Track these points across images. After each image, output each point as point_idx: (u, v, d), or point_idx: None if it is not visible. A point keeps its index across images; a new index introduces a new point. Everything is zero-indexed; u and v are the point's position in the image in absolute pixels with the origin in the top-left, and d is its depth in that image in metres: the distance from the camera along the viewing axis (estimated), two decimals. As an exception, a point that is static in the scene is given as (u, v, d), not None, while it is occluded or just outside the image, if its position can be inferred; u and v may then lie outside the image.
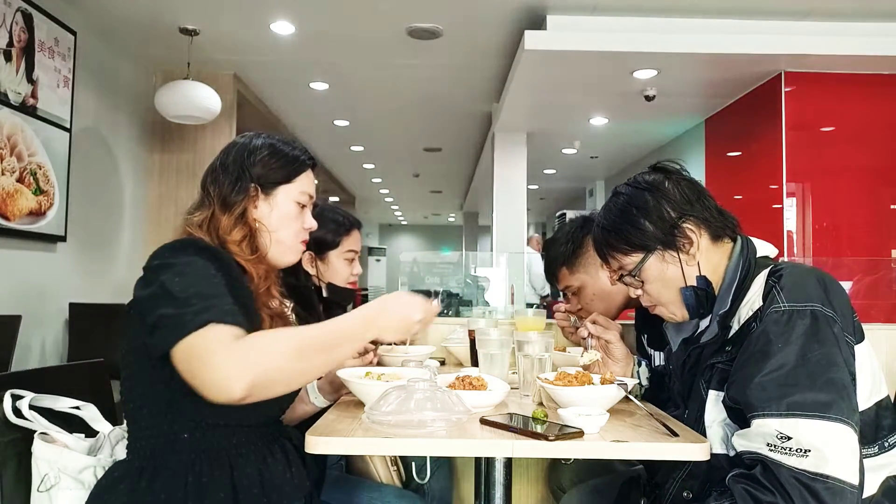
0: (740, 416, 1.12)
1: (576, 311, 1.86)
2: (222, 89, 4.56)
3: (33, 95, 3.48)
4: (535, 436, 1.04)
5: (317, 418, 1.16)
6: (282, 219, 1.28)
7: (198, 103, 4.19)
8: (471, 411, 1.13)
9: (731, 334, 1.21)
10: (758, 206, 4.63)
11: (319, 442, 1.02)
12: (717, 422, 1.20)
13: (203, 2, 3.86)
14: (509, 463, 1.17)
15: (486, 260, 7.53)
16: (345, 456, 1.73)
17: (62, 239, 3.78)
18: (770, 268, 1.21)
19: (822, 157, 4.36)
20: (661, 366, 1.62)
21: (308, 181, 1.33)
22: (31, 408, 1.16)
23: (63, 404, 1.22)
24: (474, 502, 1.51)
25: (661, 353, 1.76)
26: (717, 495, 1.12)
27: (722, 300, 1.23)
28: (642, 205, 1.28)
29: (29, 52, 3.45)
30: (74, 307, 3.78)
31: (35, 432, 1.14)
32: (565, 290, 1.89)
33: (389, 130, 7.00)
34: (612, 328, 1.53)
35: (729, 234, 1.29)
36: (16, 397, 1.16)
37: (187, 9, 3.96)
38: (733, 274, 1.24)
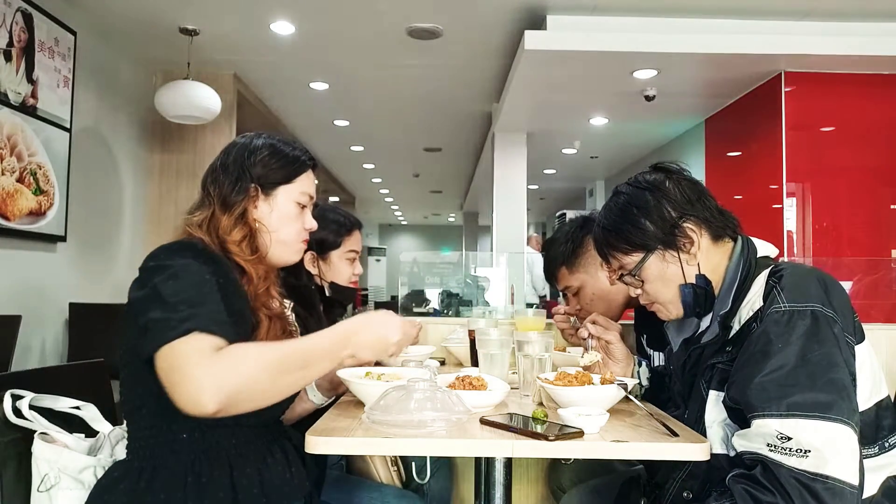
0: (741, 417, 1.12)
1: (575, 311, 1.85)
2: (222, 89, 4.56)
3: (33, 95, 3.48)
4: (535, 436, 1.04)
5: (317, 418, 1.16)
6: (282, 219, 1.28)
7: (198, 103, 4.19)
8: (471, 411, 1.13)
9: (732, 334, 1.21)
10: (758, 206, 4.62)
11: (319, 442, 1.02)
12: (717, 422, 1.20)
13: (203, 2, 3.86)
14: (509, 463, 1.17)
15: (486, 260, 7.53)
16: (345, 456, 1.73)
17: (62, 239, 3.78)
18: (771, 268, 1.21)
19: (822, 157, 4.36)
20: (662, 366, 1.61)
21: (308, 182, 1.33)
22: (31, 408, 1.16)
23: (63, 404, 1.22)
24: (474, 502, 1.50)
25: (660, 353, 1.76)
26: (717, 495, 1.12)
27: (723, 300, 1.23)
28: (643, 204, 1.28)
29: (29, 52, 3.45)
30: (74, 307, 3.77)
31: (35, 432, 1.14)
32: (565, 290, 1.88)
33: (389, 130, 7.00)
34: (613, 328, 1.53)
35: (729, 234, 1.29)
36: (16, 397, 1.16)
37: (187, 9, 3.96)
38: (734, 274, 1.24)
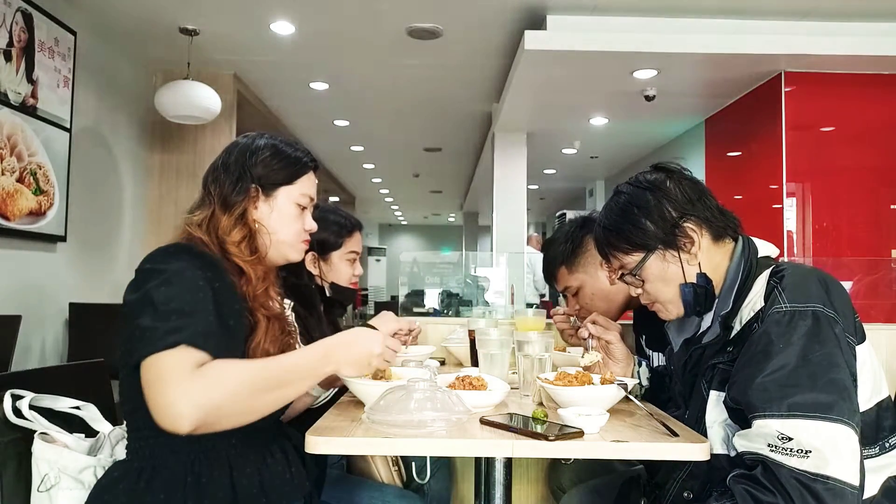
0: (741, 417, 1.12)
1: (575, 312, 1.85)
2: (222, 89, 4.56)
3: (33, 95, 3.48)
4: (535, 436, 1.04)
5: (317, 418, 1.16)
6: (281, 220, 1.27)
7: (198, 103, 4.18)
8: (471, 411, 1.13)
9: (733, 335, 1.20)
10: (758, 206, 4.62)
11: (319, 442, 1.02)
12: (718, 422, 1.20)
13: (203, 2, 3.86)
14: (509, 463, 1.17)
15: (486, 260, 7.53)
16: (346, 456, 1.73)
17: (62, 239, 3.78)
18: (772, 268, 1.20)
19: (822, 157, 4.36)
20: (662, 366, 1.61)
21: (309, 183, 1.33)
22: (32, 408, 1.16)
23: (63, 404, 1.22)
24: (474, 502, 1.50)
25: (659, 353, 1.76)
26: (717, 496, 1.12)
27: (724, 300, 1.23)
28: (643, 204, 1.28)
29: (29, 52, 3.45)
30: (74, 307, 3.77)
31: (35, 432, 1.14)
32: (565, 291, 1.88)
33: (389, 130, 7.00)
34: (613, 328, 1.53)
35: (730, 234, 1.29)
36: (16, 397, 1.16)
37: (187, 9, 3.96)
38: (735, 274, 1.24)
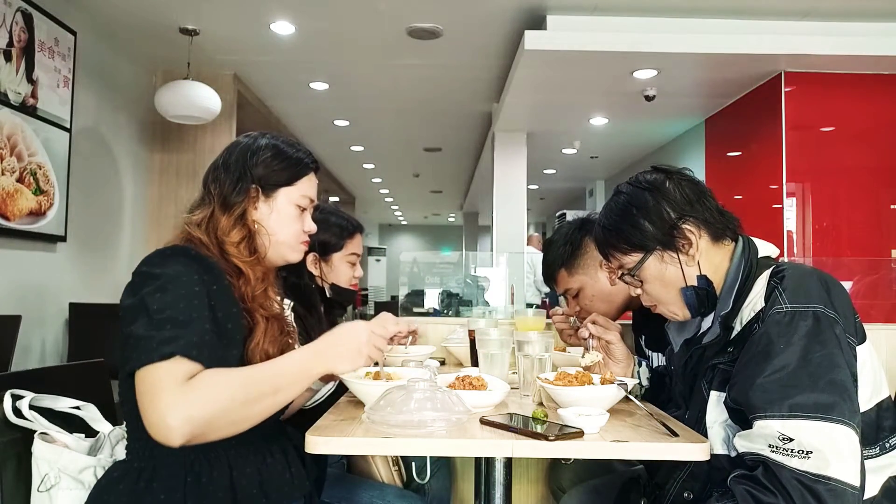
0: (742, 418, 1.12)
1: (575, 313, 1.85)
2: (222, 89, 4.56)
3: (33, 95, 3.48)
4: (535, 436, 1.04)
5: (317, 418, 1.16)
6: (281, 221, 1.27)
7: (198, 103, 4.19)
8: (471, 411, 1.13)
9: (734, 335, 1.20)
10: (758, 206, 4.62)
11: (319, 442, 1.02)
12: (718, 423, 1.20)
13: (203, 2, 3.86)
14: (509, 463, 1.17)
15: (486, 260, 7.53)
16: (346, 455, 1.73)
17: (62, 239, 3.78)
18: (772, 268, 1.20)
19: (822, 157, 4.36)
20: (662, 366, 1.61)
21: (310, 185, 1.32)
22: (31, 408, 1.16)
23: (63, 404, 1.22)
24: (474, 502, 1.50)
25: (658, 353, 1.76)
26: (718, 496, 1.12)
27: (724, 301, 1.23)
28: (642, 204, 1.28)
29: (29, 52, 3.45)
30: (74, 307, 3.77)
31: (35, 432, 1.14)
32: (565, 293, 1.87)
33: (389, 130, 7.00)
34: (613, 328, 1.53)
35: (730, 234, 1.29)
36: (16, 397, 1.16)
37: (187, 9, 3.96)
38: (735, 275, 1.24)
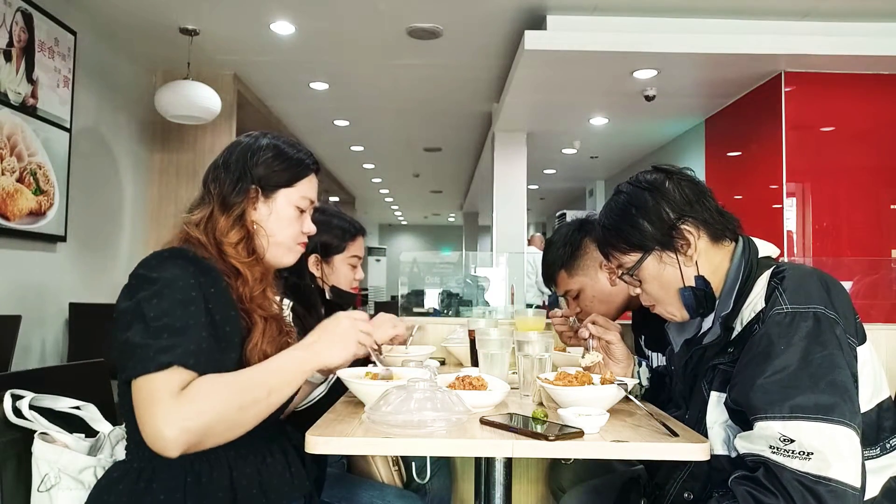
0: (742, 418, 1.12)
1: (575, 314, 1.85)
2: (222, 89, 4.56)
3: (33, 95, 3.48)
4: (535, 436, 1.04)
5: (317, 418, 1.16)
6: (280, 222, 1.26)
7: (198, 103, 4.19)
8: (471, 411, 1.13)
9: (734, 336, 1.20)
10: (758, 206, 4.62)
11: (319, 442, 1.02)
12: (718, 423, 1.19)
13: (203, 2, 3.86)
14: (509, 463, 1.17)
15: (486, 260, 7.53)
16: (346, 455, 1.73)
17: (62, 239, 3.78)
18: (772, 269, 1.20)
19: (822, 157, 4.36)
20: (662, 366, 1.61)
21: (310, 186, 1.31)
22: (31, 408, 1.16)
23: (63, 404, 1.22)
24: (474, 502, 1.50)
25: (658, 354, 1.76)
26: (719, 497, 1.12)
27: (724, 301, 1.23)
28: (641, 204, 1.28)
29: (29, 52, 3.45)
30: (74, 307, 3.77)
31: (35, 432, 1.14)
32: (565, 294, 1.87)
33: (389, 130, 7.00)
34: (613, 329, 1.53)
35: (729, 235, 1.29)
36: (16, 397, 1.16)
37: (187, 9, 3.96)
38: (735, 275, 1.23)
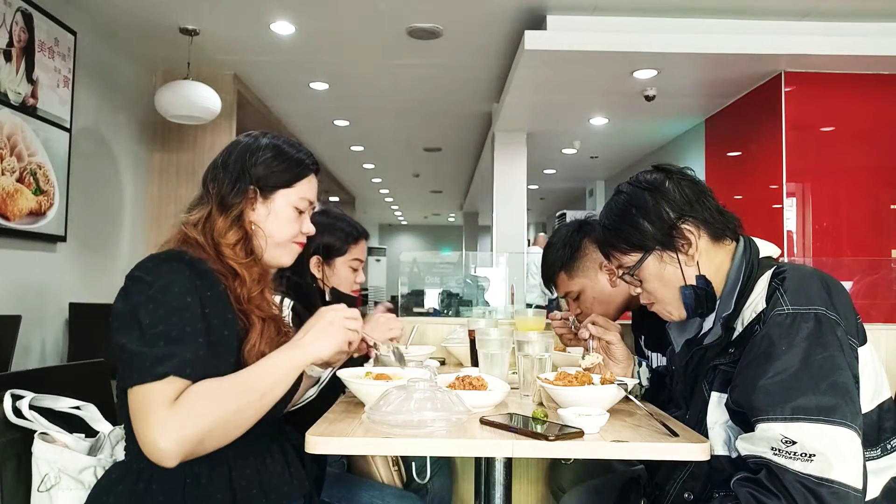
0: (743, 419, 1.12)
1: (576, 315, 1.85)
2: (222, 89, 4.56)
3: (33, 95, 3.48)
4: (535, 436, 1.04)
5: (317, 418, 1.16)
6: (278, 223, 1.26)
7: (198, 103, 4.19)
8: (471, 411, 1.13)
9: (735, 336, 1.20)
10: (758, 206, 4.62)
11: (319, 442, 1.02)
12: (719, 423, 1.19)
13: (203, 2, 3.86)
14: (509, 463, 1.17)
15: (486, 260, 7.53)
16: (346, 455, 1.73)
17: (62, 239, 3.78)
18: (773, 269, 1.20)
19: (822, 157, 4.37)
20: (662, 366, 1.61)
21: (309, 187, 1.30)
22: (32, 408, 1.16)
23: (63, 404, 1.22)
24: (474, 502, 1.50)
25: (658, 354, 1.76)
26: (720, 498, 1.12)
27: (725, 302, 1.23)
28: (642, 204, 1.28)
29: (29, 52, 3.45)
30: (74, 307, 3.78)
31: (35, 432, 1.14)
32: (565, 296, 1.87)
33: (389, 130, 7.00)
34: (613, 329, 1.53)
35: (730, 234, 1.28)
36: (16, 397, 1.16)
37: (187, 9, 3.96)
38: (736, 275, 1.23)
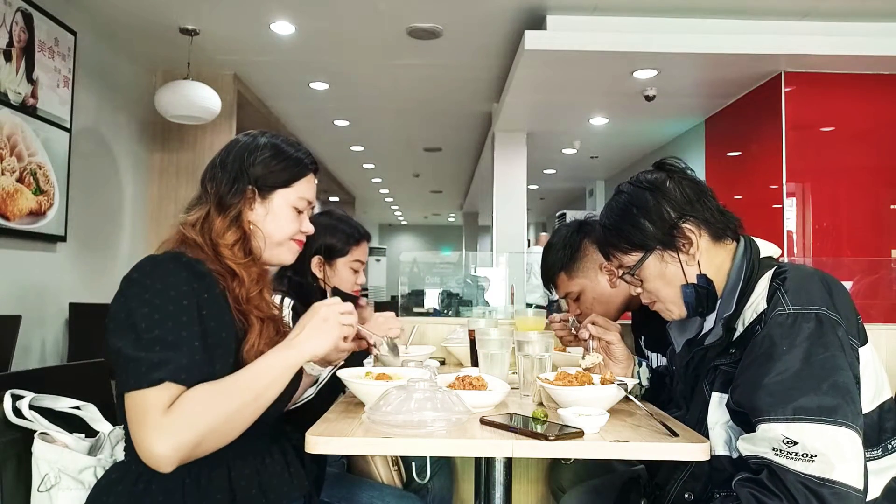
0: (743, 419, 1.12)
1: (575, 315, 1.85)
2: (222, 89, 4.57)
3: (33, 95, 3.48)
4: (535, 436, 1.04)
5: (317, 418, 1.16)
6: (277, 223, 1.25)
7: (198, 103, 4.19)
8: (471, 411, 1.13)
9: (736, 336, 1.20)
10: (758, 206, 4.63)
11: (319, 442, 1.02)
12: (719, 424, 1.19)
13: (203, 2, 3.86)
14: (509, 463, 1.17)
15: (486, 260, 7.54)
16: (346, 456, 1.73)
17: (62, 239, 3.78)
18: (774, 269, 1.20)
19: (822, 157, 4.37)
20: (662, 366, 1.61)
21: (308, 187, 1.30)
22: (32, 408, 1.16)
23: (63, 404, 1.22)
24: (474, 502, 1.50)
25: (657, 355, 1.76)
26: (721, 498, 1.11)
27: (726, 302, 1.23)
28: (643, 204, 1.28)
29: (29, 52, 3.45)
30: (74, 307, 3.77)
31: (35, 432, 1.14)
32: (566, 296, 1.87)
33: (389, 130, 7.00)
34: (613, 329, 1.53)
35: (731, 234, 1.28)
36: (16, 397, 1.16)
37: (187, 9, 3.96)
38: (737, 275, 1.23)
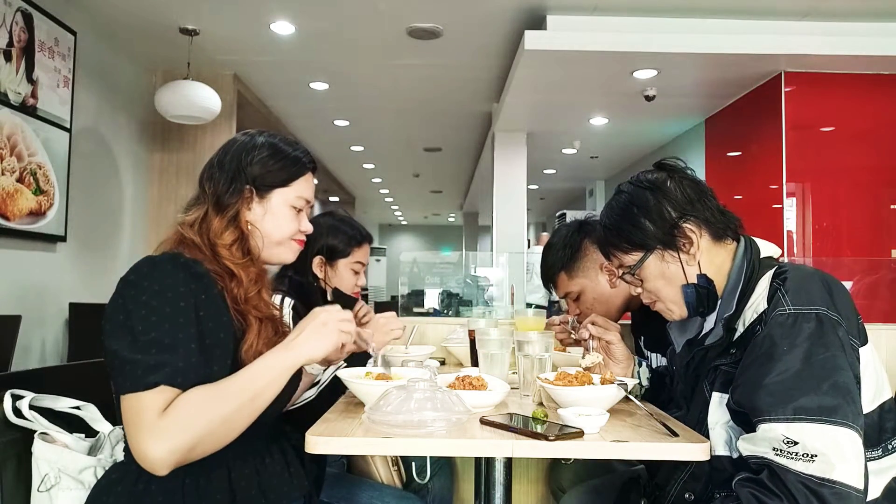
0: (744, 419, 1.12)
1: (576, 315, 1.85)
2: (222, 89, 4.57)
3: (33, 95, 3.48)
4: (535, 436, 1.04)
5: (317, 418, 1.16)
6: (275, 222, 1.25)
7: (198, 103, 4.19)
8: (471, 411, 1.13)
9: (736, 337, 1.20)
10: (758, 206, 4.63)
11: (319, 442, 1.02)
12: (720, 424, 1.19)
13: (203, 2, 3.86)
14: (509, 463, 1.17)
15: (486, 260, 7.54)
16: (346, 456, 1.73)
17: (62, 239, 3.78)
18: (774, 269, 1.20)
19: (822, 157, 4.37)
20: (662, 366, 1.61)
21: (306, 186, 1.30)
22: (32, 408, 1.15)
23: (63, 404, 1.22)
24: (474, 502, 1.50)
25: (657, 355, 1.76)
26: (721, 498, 1.11)
27: (727, 302, 1.23)
28: (643, 204, 1.28)
29: (29, 52, 3.45)
30: (74, 307, 3.77)
31: (35, 432, 1.14)
32: (566, 296, 1.87)
33: (389, 130, 7.00)
34: (613, 329, 1.53)
35: (731, 234, 1.28)
36: (16, 397, 1.16)
37: (187, 9, 3.96)
38: (737, 275, 1.23)
